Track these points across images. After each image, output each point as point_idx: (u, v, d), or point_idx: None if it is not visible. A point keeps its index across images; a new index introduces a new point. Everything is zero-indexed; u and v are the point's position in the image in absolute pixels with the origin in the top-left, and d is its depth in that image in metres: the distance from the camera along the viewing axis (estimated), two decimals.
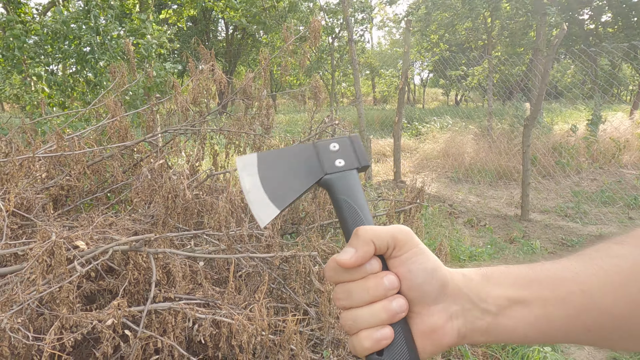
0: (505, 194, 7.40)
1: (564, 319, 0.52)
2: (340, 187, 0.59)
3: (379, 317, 0.52)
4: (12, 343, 1.49)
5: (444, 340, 0.53)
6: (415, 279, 0.53)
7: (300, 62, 3.49)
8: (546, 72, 5.53)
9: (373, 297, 0.52)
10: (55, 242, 1.63)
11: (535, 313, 0.53)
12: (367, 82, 30.92)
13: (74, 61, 5.55)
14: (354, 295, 0.53)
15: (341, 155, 0.61)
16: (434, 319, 0.53)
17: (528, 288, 0.54)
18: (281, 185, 0.59)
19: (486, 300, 0.54)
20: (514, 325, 0.53)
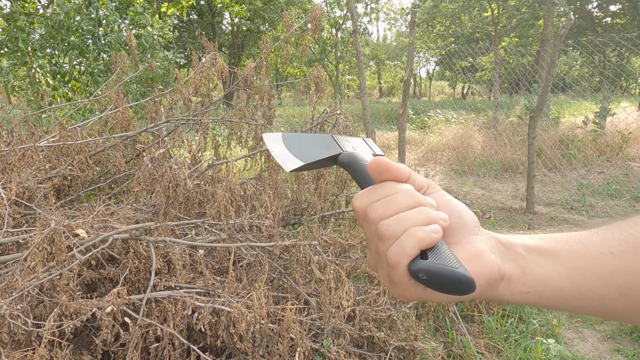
0: (510, 186, 7.36)
1: (598, 278, 0.51)
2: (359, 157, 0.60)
3: (427, 213, 0.50)
4: (11, 329, 1.50)
5: (488, 267, 0.51)
6: (454, 207, 0.53)
7: (302, 52, 3.46)
8: (552, 62, 5.47)
9: (417, 201, 0.51)
10: (55, 229, 1.64)
11: (566, 264, 0.52)
12: (373, 75, 30.79)
13: (77, 53, 5.56)
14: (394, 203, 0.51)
15: (356, 146, 0.65)
16: (476, 245, 0.52)
17: (556, 242, 0.54)
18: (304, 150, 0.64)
19: (515, 245, 0.54)
20: (547, 273, 0.52)
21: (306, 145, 0.65)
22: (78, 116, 3.95)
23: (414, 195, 0.51)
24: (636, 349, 2.93)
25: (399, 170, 0.53)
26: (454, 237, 0.53)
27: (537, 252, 0.53)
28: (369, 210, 0.52)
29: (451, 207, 0.53)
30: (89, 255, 1.79)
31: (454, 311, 2.98)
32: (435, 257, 0.48)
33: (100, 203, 2.35)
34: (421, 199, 0.51)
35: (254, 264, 2.32)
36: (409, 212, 0.50)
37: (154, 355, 1.91)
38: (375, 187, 0.53)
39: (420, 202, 0.51)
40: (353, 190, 3.72)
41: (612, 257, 0.51)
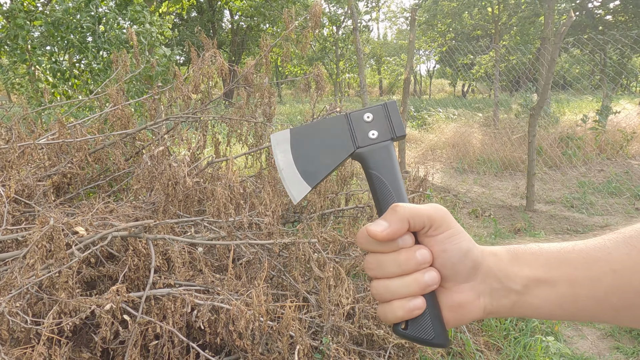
0: (510, 184, 7.35)
1: (591, 300, 0.52)
2: (372, 162, 0.59)
3: (411, 288, 0.53)
4: (10, 327, 1.50)
5: (469, 315, 0.55)
6: (449, 258, 0.54)
7: (302, 49, 3.45)
8: (553, 60, 5.46)
9: (405, 270, 0.53)
10: (54, 227, 1.64)
11: (562, 293, 0.53)
12: (373, 73, 30.76)
13: (77, 51, 5.55)
14: (385, 267, 0.54)
15: (375, 125, 0.60)
16: (463, 296, 0.55)
17: (558, 269, 0.54)
18: (313, 162, 0.60)
19: (514, 280, 0.54)
20: (539, 304, 0.54)
21: (316, 148, 0.60)
22: (78, 114, 3.95)
23: (403, 265, 0.53)
24: (636, 347, 2.93)
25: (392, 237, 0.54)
26: (445, 283, 0.55)
27: (535, 284, 0.54)
28: (365, 264, 0.56)
29: (446, 259, 0.54)
30: (88, 252, 1.79)
31: None
32: (414, 329, 0.55)
33: (100, 201, 2.35)
34: (411, 267, 0.53)
35: (254, 262, 2.32)
36: (396, 283, 0.54)
37: (153, 353, 1.92)
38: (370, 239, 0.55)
39: (410, 270, 0.53)
40: (353, 188, 3.71)
41: (613, 275, 0.52)
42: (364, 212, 3.31)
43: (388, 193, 0.58)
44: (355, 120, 0.60)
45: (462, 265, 0.54)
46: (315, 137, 0.61)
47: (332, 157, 0.60)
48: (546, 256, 0.55)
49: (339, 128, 0.60)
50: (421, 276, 0.53)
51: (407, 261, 0.53)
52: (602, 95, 8.69)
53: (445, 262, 0.54)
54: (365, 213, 3.26)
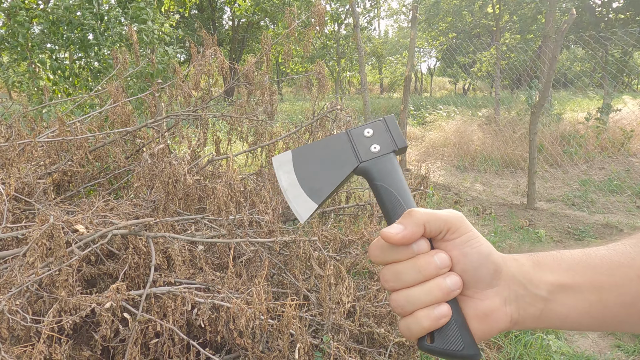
0: (511, 182, 7.34)
1: (620, 306, 0.51)
2: (377, 174, 0.58)
3: (434, 295, 0.50)
4: (10, 325, 1.50)
5: (497, 325, 0.52)
6: (470, 262, 0.51)
7: (304, 48, 3.44)
8: (554, 58, 5.44)
9: (425, 275, 0.50)
10: (54, 225, 1.63)
11: (589, 300, 0.51)
12: (374, 71, 30.71)
13: (78, 48, 5.54)
14: (403, 276, 0.51)
15: (376, 140, 0.60)
16: (488, 303, 0.52)
17: (582, 275, 0.52)
18: (317, 180, 0.59)
19: (538, 286, 0.52)
20: (566, 312, 0.52)
21: (319, 166, 0.60)
22: (78, 111, 3.94)
23: (422, 270, 0.51)
24: (637, 345, 2.92)
25: (408, 240, 0.51)
26: (467, 291, 0.52)
27: (560, 290, 0.52)
28: (381, 278, 0.53)
29: (467, 264, 0.51)
30: (88, 250, 1.78)
31: None
32: (441, 341, 0.51)
33: (100, 198, 2.35)
34: (431, 272, 0.50)
35: (254, 260, 2.32)
36: (417, 291, 0.50)
37: (153, 351, 1.91)
38: (386, 245, 0.53)
39: (430, 275, 0.51)
40: (354, 186, 3.71)
41: (639, 280, 0.51)
42: (364, 210, 3.30)
43: (397, 202, 0.56)
44: (356, 137, 0.60)
45: (484, 269, 0.51)
46: (318, 156, 0.60)
47: (336, 174, 0.59)
48: (568, 262, 0.53)
49: (340, 145, 0.60)
50: (443, 281, 0.50)
51: (426, 265, 0.51)
52: (603, 93, 8.66)
53: (467, 267, 0.51)
54: (366, 211, 3.26)
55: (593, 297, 0.51)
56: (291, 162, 0.60)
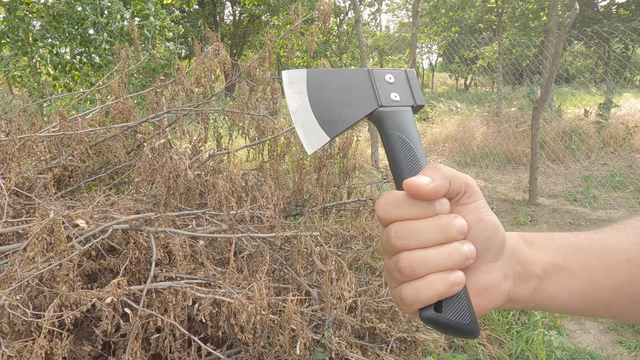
0: (513, 178, 7.33)
1: (608, 289, 0.51)
2: (396, 122, 0.52)
3: (453, 259, 0.46)
4: (11, 320, 1.49)
5: (494, 300, 0.49)
6: (483, 230, 0.48)
7: (308, 46, 3.42)
8: (557, 53, 5.41)
9: (447, 237, 0.46)
10: (54, 220, 1.62)
11: (580, 281, 0.51)
12: (376, 66, 30.63)
13: (79, 43, 5.52)
14: (423, 234, 0.46)
15: (397, 89, 0.55)
16: (490, 277, 0.49)
17: (572, 256, 0.52)
18: (332, 111, 0.53)
19: (533, 264, 0.51)
20: (557, 292, 0.51)
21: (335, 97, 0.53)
22: (80, 106, 3.93)
23: (446, 230, 0.46)
24: (639, 341, 2.92)
25: (437, 193, 0.46)
26: (474, 262, 0.49)
27: (552, 270, 0.51)
28: (392, 234, 0.47)
29: (481, 230, 0.48)
30: (88, 245, 1.78)
31: None
32: (450, 311, 0.46)
33: (101, 193, 2.34)
34: (454, 234, 0.46)
35: (255, 255, 2.31)
36: (435, 252, 0.46)
37: (154, 346, 1.91)
38: (404, 199, 0.47)
39: (452, 238, 0.46)
40: (355, 182, 3.70)
41: (628, 264, 0.51)
42: (366, 206, 3.29)
43: (414, 156, 0.50)
44: (378, 78, 0.55)
45: (494, 241, 0.49)
46: (335, 85, 0.54)
47: (353, 110, 0.53)
48: (559, 242, 0.53)
49: (360, 81, 0.54)
50: (461, 246, 0.46)
51: (449, 226, 0.46)
52: (605, 88, 8.62)
53: (479, 235, 0.48)
54: (368, 206, 3.25)
55: (583, 278, 0.51)
56: (305, 81, 0.53)
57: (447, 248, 0.46)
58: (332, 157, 3.16)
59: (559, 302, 0.52)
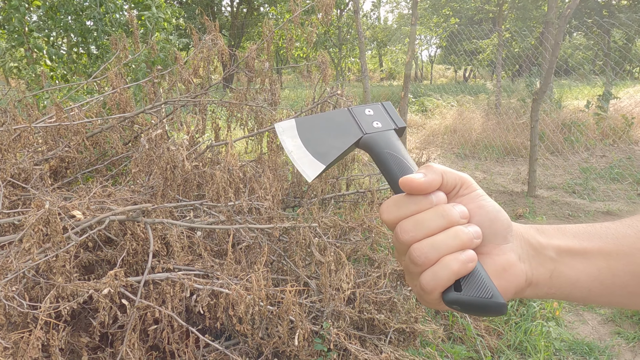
0: (512, 170, 7.32)
1: (629, 275, 0.51)
2: (383, 143, 0.58)
3: (460, 239, 0.48)
4: (7, 311, 1.48)
5: (515, 280, 0.50)
6: (486, 214, 0.51)
7: (307, 38, 3.38)
8: (557, 44, 5.38)
9: (449, 221, 0.49)
10: (50, 210, 1.61)
11: (598, 265, 0.51)
12: (375, 59, 30.51)
13: (76, 34, 5.48)
14: (426, 222, 0.49)
15: (377, 118, 0.61)
16: (505, 257, 0.50)
17: (589, 241, 0.52)
18: (323, 145, 0.59)
19: (546, 248, 0.52)
20: (576, 275, 0.51)
21: (324, 134, 0.60)
22: (80, 97, 3.90)
23: (446, 215, 0.49)
24: (637, 332, 2.92)
25: (430, 185, 0.50)
26: (484, 247, 0.51)
27: (568, 253, 0.52)
28: (399, 230, 0.50)
29: (483, 215, 0.51)
30: (85, 236, 1.76)
31: None
32: (469, 288, 0.48)
33: (97, 185, 2.32)
34: (455, 217, 0.49)
35: (253, 247, 2.30)
36: (442, 236, 0.49)
37: (152, 337, 1.91)
38: (403, 199, 0.51)
39: (454, 221, 0.49)
40: (354, 173, 3.68)
41: None
42: (364, 197, 3.28)
43: (405, 165, 0.55)
44: (358, 113, 0.61)
45: (499, 223, 0.51)
46: (321, 126, 0.60)
47: (341, 141, 0.59)
48: (573, 230, 0.53)
49: (343, 118, 0.61)
50: (465, 227, 0.49)
51: (449, 211, 0.49)
52: (604, 80, 8.59)
53: (483, 219, 0.51)
54: (366, 198, 3.24)
55: (601, 263, 0.51)
56: (295, 127, 0.60)
57: (452, 230, 0.49)
58: None
59: (580, 285, 0.52)
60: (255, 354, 2.09)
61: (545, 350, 2.69)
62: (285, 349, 1.99)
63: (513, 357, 2.66)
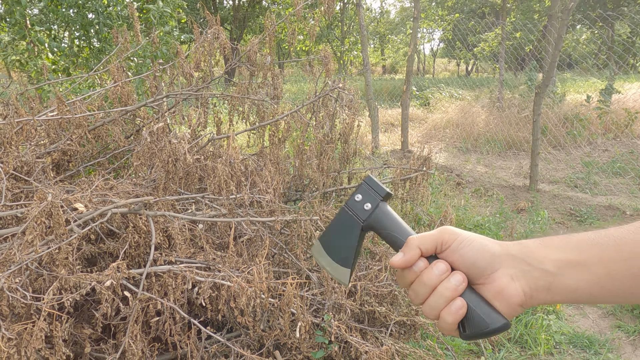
0: (514, 164, 7.31)
1: (629, 278, 0.55)
2: (378, 224, 0.72)
3: (445, 295, 0.60)
4: (10, 302, 1.50)
5: (512, 298, 0.59)
6: (467, 259, 0.62)
7: (310, 31, 3.37)
8: (560, 37, 5.35)
9: (431, 285, 0.62)
10: (53, 203, 1.62)
11: (597, 273, 0.56)
12: (377, 52, 30.40)
13: (78, 27, 5.46)
14: (419, 291, 0.63)
15: (366, 200, 0.73)
16: (498, 282, 0.60)
17: (589, 251, 0.57)
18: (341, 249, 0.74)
19: (543, 262, 0.58)
20: (575, 284, 0.57)
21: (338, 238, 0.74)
22: (83, 89, 3.90)
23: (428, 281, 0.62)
24: (637, 326, 2.93)
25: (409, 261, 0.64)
26: (478, 280, 0.62)
27: (567, 266, 0.57)
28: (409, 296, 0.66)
29: (465, 261, 0.62)
30: (87, 229, 1.77)
31: None
32: (470, 327, 0.61)
33: (100, 178, 2.33)
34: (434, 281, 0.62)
35: (255, 239, 2.31)
36: (433, 298, 0.62)
37: (154, 329, 1.92)
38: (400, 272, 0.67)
39: (435, 284, 0.62)
40: (357, 167, 3.68)
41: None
42: None
43: (398, 240, 0.70)
44: (352, 205, 0.74)
45: (481, 260, 0.60)
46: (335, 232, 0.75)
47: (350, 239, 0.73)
48: (576, 240, 0.59)
49: (345, 218, 0.74)
50: (448, 282, 0.61)
51: (428, 277, 0.62)
52: (607, 74, 8.53)
53: (466, 263, 0.61)
54: None
55: (601, 270, 0.55)
56: (321, 246, 0.75)
57: (437, 291, 0.61)
58: (332, 142, 3.14)
59: (581, 292, 0.57)
60: (256, 346, 2.11)
61: (545, 343, 2.70)
62: (287, 341, 2.00)
63: (513, 350, 2.67)
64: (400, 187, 3.32)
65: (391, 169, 3.74)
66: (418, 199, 3.36)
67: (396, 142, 8.58)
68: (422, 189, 3.36)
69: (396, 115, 10.60)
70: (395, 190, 3.32)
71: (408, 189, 3.35)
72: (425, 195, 3.41)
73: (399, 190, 3.33)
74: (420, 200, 3.39)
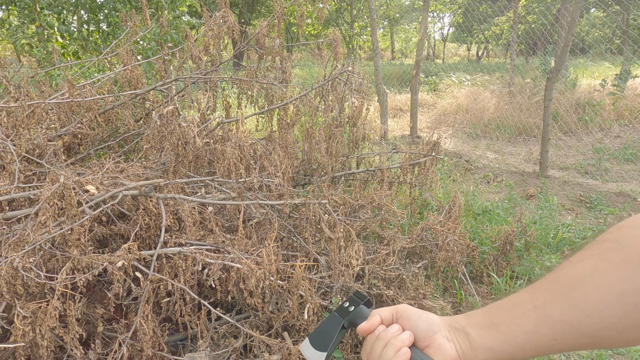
0: (524, 150, 7.25)
1: (526, 334, 0.66)
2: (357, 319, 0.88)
3: (395, 345, 0.77)
4: (25, 282, 1.53)
5: (447, 353, 0.74)
6: (413, 323, 0.80)
7: (319, 14, 3.34)
8: (573, 21, 5.25)
9: (386, 340, 0.79)
10: (65, 184, 1.64)
11: (503, 332, 0.69)
12: (386, 36, 30.05)
13: (87, 11, 5.46)
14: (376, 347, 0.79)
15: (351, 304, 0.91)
16: (438, 341, 0.76)
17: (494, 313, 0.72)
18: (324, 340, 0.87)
19: (465, 326, 0.75)
20: (490, 343, 0.70)
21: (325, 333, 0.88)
22: (93, 72, 3.91)
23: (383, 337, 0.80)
24: None
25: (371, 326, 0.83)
26: (424, 342, 0.78)
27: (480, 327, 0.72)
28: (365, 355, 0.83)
29: (412, 324, 0.80)
30: (99, 210, 1.80)
31: (463, 272, 2.99)
32: None
33: (110, 161, 2.35)
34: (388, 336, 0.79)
35: (264, 223, 2.33)
36: (385, 350, 0.78)
37: (165, 310, 1.95)
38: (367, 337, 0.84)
39: (389, 338, 0.79)
40: (365, 152, 3.67)
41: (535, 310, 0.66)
42: (374, 176, 3.28)
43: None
44: (340, 309, 0.91)
45: (425, 325, 0.78)
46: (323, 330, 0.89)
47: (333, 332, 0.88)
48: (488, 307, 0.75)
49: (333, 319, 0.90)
50: (399, 336, 0.78)
51: (384, 335, 0.80)
52: (622, 59, 8.37)
53: (413, 326, 0.80)
54: (376, 176, 3.24)
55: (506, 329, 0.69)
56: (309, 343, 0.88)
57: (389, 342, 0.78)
58: (341, 126, 3.13)
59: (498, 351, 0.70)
60: (265, 327, 2.14)
61: None
62: (295, 322, 2.03)
63: None
64: (409, 172, 3.31)
65: (400, 154, 3.73)
66: (427, 184, 3.36)
67: (405, 127, 8.53)
68: (431, 174, 3.35)
69: (405, 100, 10.53)
70: (404, 175, 3.31)
71: (417, 174, 3.34)
72: (434, 180, 3.40)
73: (408, 176, 3.33)
74: (428, 186, 3.39)
